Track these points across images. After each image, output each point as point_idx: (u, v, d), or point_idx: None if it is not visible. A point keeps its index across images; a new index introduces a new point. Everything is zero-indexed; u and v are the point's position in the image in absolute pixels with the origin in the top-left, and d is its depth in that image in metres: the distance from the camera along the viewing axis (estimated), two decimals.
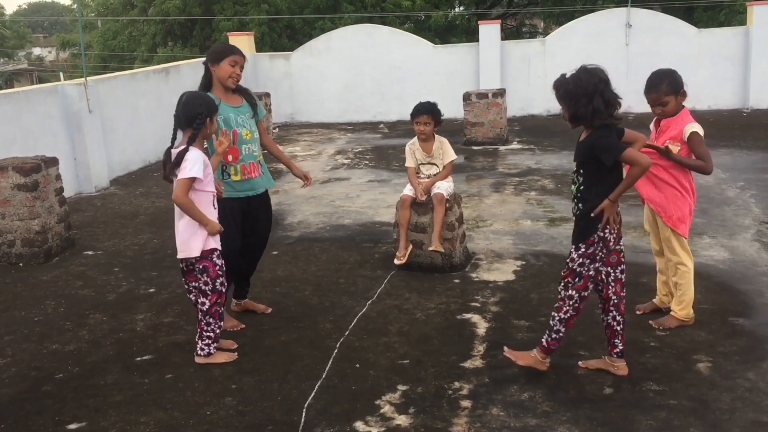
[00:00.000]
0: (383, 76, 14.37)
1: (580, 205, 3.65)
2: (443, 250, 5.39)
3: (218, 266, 4.03)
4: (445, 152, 5.56)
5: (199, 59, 13.63)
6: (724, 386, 3.64)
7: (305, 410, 3.58)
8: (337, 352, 4.23)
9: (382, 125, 13.87)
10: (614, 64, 13.28)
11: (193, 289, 4.09)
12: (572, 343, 4.15)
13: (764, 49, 12.86)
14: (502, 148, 10.74)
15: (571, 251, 3.69)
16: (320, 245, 6.36)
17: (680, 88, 4.15)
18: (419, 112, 5.44)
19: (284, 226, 7.03)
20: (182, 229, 3.99)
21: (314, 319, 4.73)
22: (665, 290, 4.49)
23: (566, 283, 3.68)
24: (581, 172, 3.64)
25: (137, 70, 12.24)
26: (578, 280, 3.65)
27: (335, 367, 4.04)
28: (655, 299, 4.58)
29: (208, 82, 4.44)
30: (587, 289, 3.67)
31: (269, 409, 3.62)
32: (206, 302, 4.02)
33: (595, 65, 3.54)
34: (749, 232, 6.16)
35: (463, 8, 22.58)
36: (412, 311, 4.78)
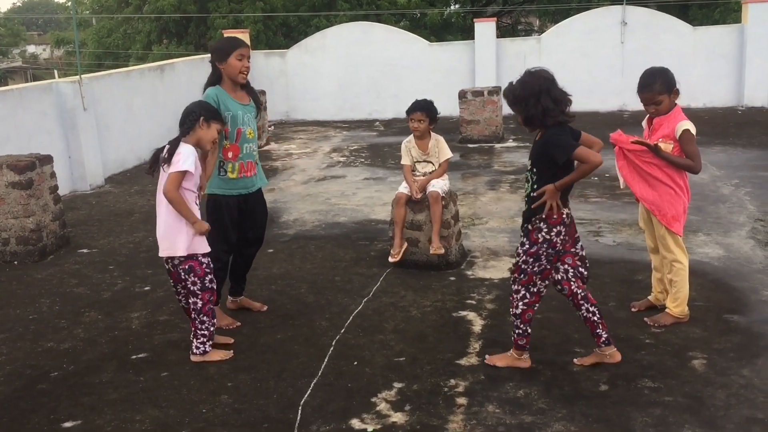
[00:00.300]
0: (379, 73, 14.38)
1: (531, 206, 3.69)
2: (444, 251, 5.39)
3: (204, 264, 4.01)
4: (440, 150, 5.57)
5: (193, 57, 13.65)
6: (719, 383, 3.65)
7: (301, 408, 3.59)
8: (332, 349, 4.23)
9: (377, 123, 13.87)
10: (609, 61, 13.32)
11: (181, 290, 4.08)
12: (567, 340, 4.16)
13: (759, 46, 12.89)
14: (497, 145, 10.74)
15: (518, 247, 3.76)
16: (316, 243, 6.36)
17: (673, 86, 4.16)
18: (414, 109, 5.47)
19: (280, 224, 7.02)
20: (167, 225, 3.94)
21: (310, 316, 4.73)
22: (660, 287, 4.50)
23: (514, 278, 3.80)
24: (534, 171, 3.69)
25: (132, 67, 12.20)
26: (523, 276, 3.72)
27: (331, 364, 4.04)
28: (650, 296, 4.59)
29: (216, 79, 4.42)
30: (534, 284, 3.72)
31: (265, 406, 3.62)
32: (198, 301, 4.01)
33: (539, 68, 3.61)
34: (744, 229, 6.18)
35: (458, 6, 22.61)
36: (407, 309, 4.79)
